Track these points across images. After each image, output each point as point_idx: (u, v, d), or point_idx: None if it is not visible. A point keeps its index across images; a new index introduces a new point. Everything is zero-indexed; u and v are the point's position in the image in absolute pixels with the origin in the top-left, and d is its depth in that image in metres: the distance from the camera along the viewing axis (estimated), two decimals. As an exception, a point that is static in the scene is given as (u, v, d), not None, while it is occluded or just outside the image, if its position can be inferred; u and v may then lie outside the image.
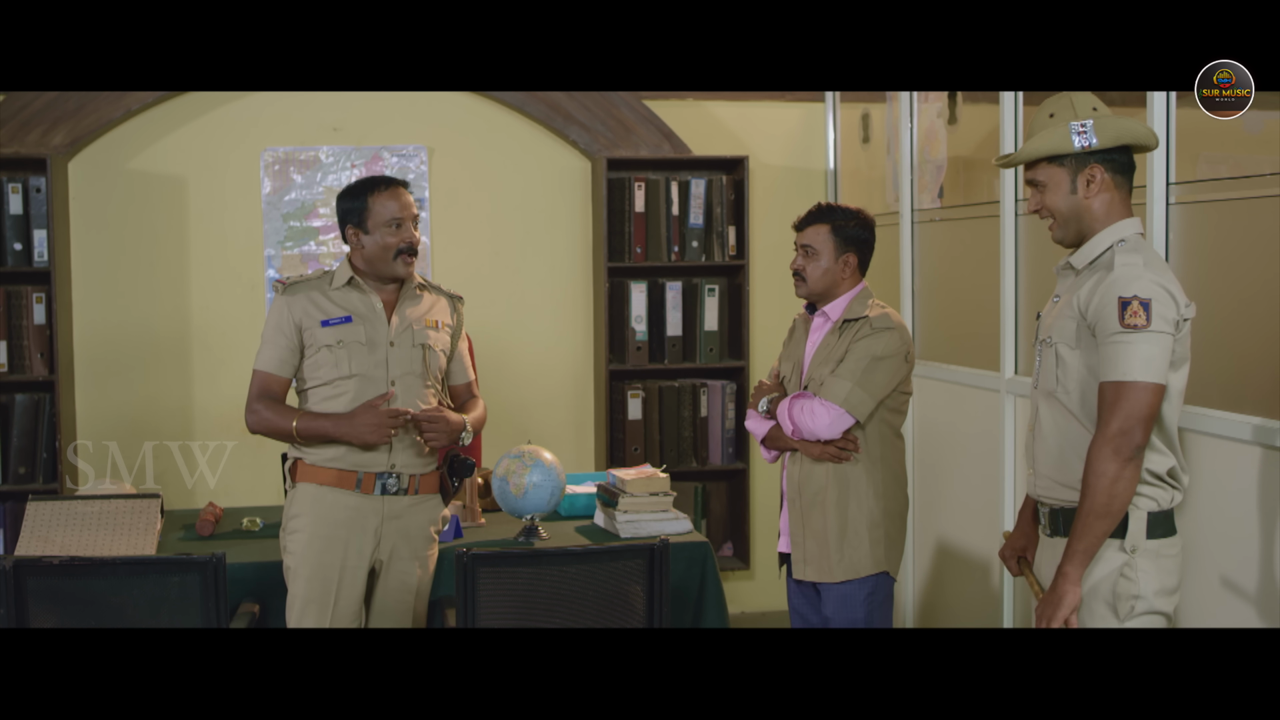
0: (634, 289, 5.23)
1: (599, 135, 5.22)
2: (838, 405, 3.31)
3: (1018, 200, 4.03)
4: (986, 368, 4.22)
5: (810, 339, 3.52)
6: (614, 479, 3.88)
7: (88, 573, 3.08)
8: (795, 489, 3.45)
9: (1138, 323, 2.50)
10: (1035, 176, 2.75)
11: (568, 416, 5.42)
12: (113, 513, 3.67)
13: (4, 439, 4.79)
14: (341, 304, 3.34)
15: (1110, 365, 2.53)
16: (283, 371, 3.33)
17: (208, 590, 3.06)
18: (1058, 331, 2.68)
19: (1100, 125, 2.64)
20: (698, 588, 3.60)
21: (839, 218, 3.46)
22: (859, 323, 3.40)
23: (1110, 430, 2.50)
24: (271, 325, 3.34)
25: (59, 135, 4.87)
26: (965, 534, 4.40)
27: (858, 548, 3.37)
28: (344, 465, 3.28)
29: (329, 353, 3.29)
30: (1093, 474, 2.52)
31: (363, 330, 3.32)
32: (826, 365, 3.40)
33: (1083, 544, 2.55)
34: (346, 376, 3.29)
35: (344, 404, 3.28)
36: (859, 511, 3.38)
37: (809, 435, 3.35)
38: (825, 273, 3.45)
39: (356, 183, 3.39)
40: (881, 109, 5.09)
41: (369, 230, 3.31)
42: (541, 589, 3.17)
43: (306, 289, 3.36)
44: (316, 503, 3.28)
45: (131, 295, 5.09)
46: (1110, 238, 2.66)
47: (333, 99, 5.14)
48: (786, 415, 3.39)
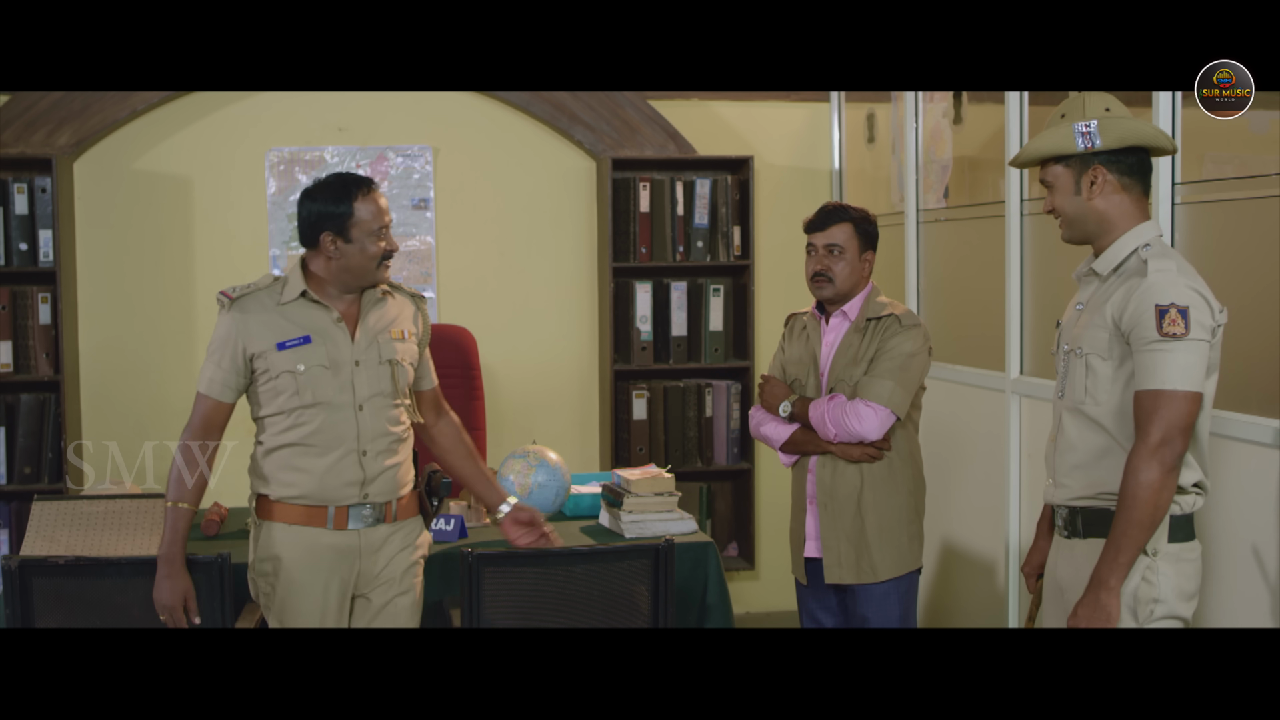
0: (639, 289, 5.23)
1: (604, 135, 5.22)
2: (883, 405, 3.30)
3: (1023, 200, 4.02)
4: (992, 368, 4.22)
5: (826, 340, 3.48)
6: (619, 479, 3.88)
7: (93, 573, 3.08)
8: (826, 492, 3.42)
9: (1176, 331, 2.46)
10: (1045, 176, 2.73)
11: (573, 417, 5.42)
12: (118, 513, 3.67)
13: (9, 439, 4.80)
14: (297, 321, 3.02)
15: (1149, 374, 2.49)
16: (225, 397, 3.03)
17: (213, 590, 3.07)
18: (1088, 342, 2.63)
19: (1105, 126, 2.60)
20: (702, 588, 3.60)
21: (857, 216, 3.45)
22: (884, 321, 3.39)
23: (1152, 440, 2.46)
24: (218, 340, 3.02)
25: (64, 135, 4.88)
26: (971, 534, 4.40)
27: (896, 546, 3.39)
28: (311, 501, 3.01)
29: (289, 379, 2.99)
30: (1137, 484, 2.47)
31: (324, 351, 3.01)
32: (856, 366, 3.37)
33: (1125, 555, 2.50)
34: (309, 405, 2.99)
35: (306, 434, 2.99)
36: (893, 510, 3.39)
37: (854, 438, 3.33)
38: (852, 271, 3.42)
39: (330, 184, 3.03)
40: (886, 109, 5.08)
41: (351, 239, 2.99)
42: (546, 589, 3.17)
43: (257, 307, 3.02)
44: (288, 544, 3.01)
45: (137, 295, 5.09)
46: (1132, 242, 2.62)
47: (338, 99, 5.14)
48: (826, 420, 3.35)
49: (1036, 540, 2.95)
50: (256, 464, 3.08)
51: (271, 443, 3.04)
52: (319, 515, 3.01)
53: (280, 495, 3.03)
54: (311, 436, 3.00)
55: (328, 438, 3.01)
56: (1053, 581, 2.77)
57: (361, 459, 3.02)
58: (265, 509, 3.05)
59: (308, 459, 3.01)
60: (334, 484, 3.01)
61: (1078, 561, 2.64)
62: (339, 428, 3.01)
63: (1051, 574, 2.78)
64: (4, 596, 3.06)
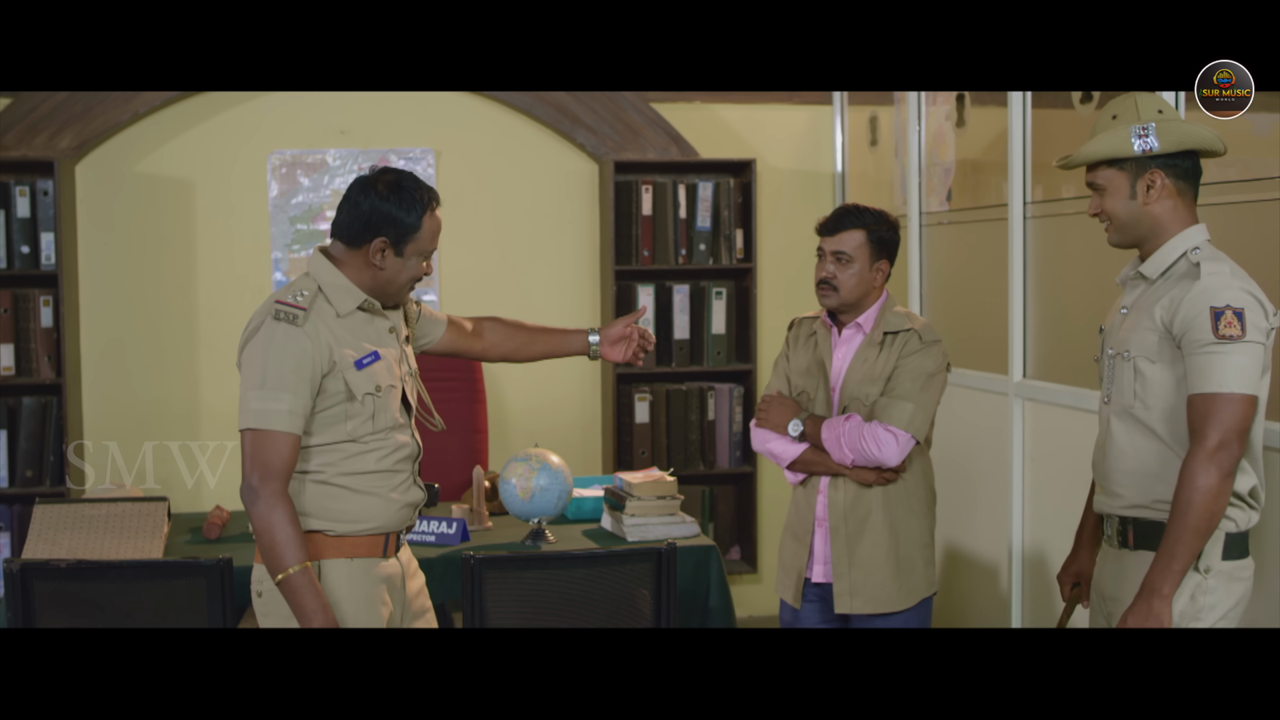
0: (641, 292, 5.23)
1: (606, 138, 5.22)
2: (904, 430, 3.08)
3: (1026, 204, 4.02)
4: (995, 371, 4.21)
5: (838, 352, 3.25)
6: (621, 482, 3.87)
7: (95, 576, 3.08)
8: (840, 516, 3.19)
9: (1233, 333, 2.42)
10: (1095, 179, 2.65)
11: (575, 420, 5.42)
12: (120, 516, 3.67)
13: (11, 442, 4.80)
14: (360, 335, 2.66)
15: (1203, 377, 2.44)
16: (300, 431, 2.58)
17: (214, 594, 3.06)
18: (1136, 345, 2.57)
19: (1163, 129, 2.55)
20: (705, 591, 3.59)
21: (872, 221, 3.18)
22: (904, 335, 3.17)
23: (1209, 444, 2.41)
24: (289, 363, 2.54)
25: (66, 138, 4.88)
26: (974, 537, 4.39)
27: (912, 572, 3.20)
28: (375, 530, 2.67)
29: (370, 401, 2.62)
30: (1193, 490, 2.41)
31: (389, 368, 2.68)
32: (873, 384, 3.16)
33: (1179, 563, 2.43)
34: (386, 428, 2.66)
35: (380, 459, 2.66)
36: (909, 535, 3.19)
37: (872, 464, 3.11)
38: (860, 281, 3.17)
39: (403, 187, 2.66)
40: (889, 112, 5.08)
41: (403, 254, 2.66)
42: (548, 593, 3.16)
43: (323, 320, 2.61)
44: (351, 582, 2.65)
45: (139, 298, 5.09)
46: (1181, 245, 2.57)
47: (340, 102, 5.14)
48: (843, 444, 3.11)
49: (1076, 549, 2.90)
50: (305, 499, 2.63)
51: (333, 472, 2.63)
52: (377, 545, 2.68)
53: (346, 530, 2.64)
54: (383, 461, 2.67)
55: (396, 460, 2.71)
56: (1098, 592, 2.73)
57: (415, 479, 2.78)
58: (322, 547, 2.63)
59: (380, 485, 2.68)
60: (400, 508, 2.72)
61: (1127, 573, 2.59)
62: (407, 449, 2.74)
63: (1098, 584, 2.73)
64: (6, 600, 3.06)
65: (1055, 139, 3.93)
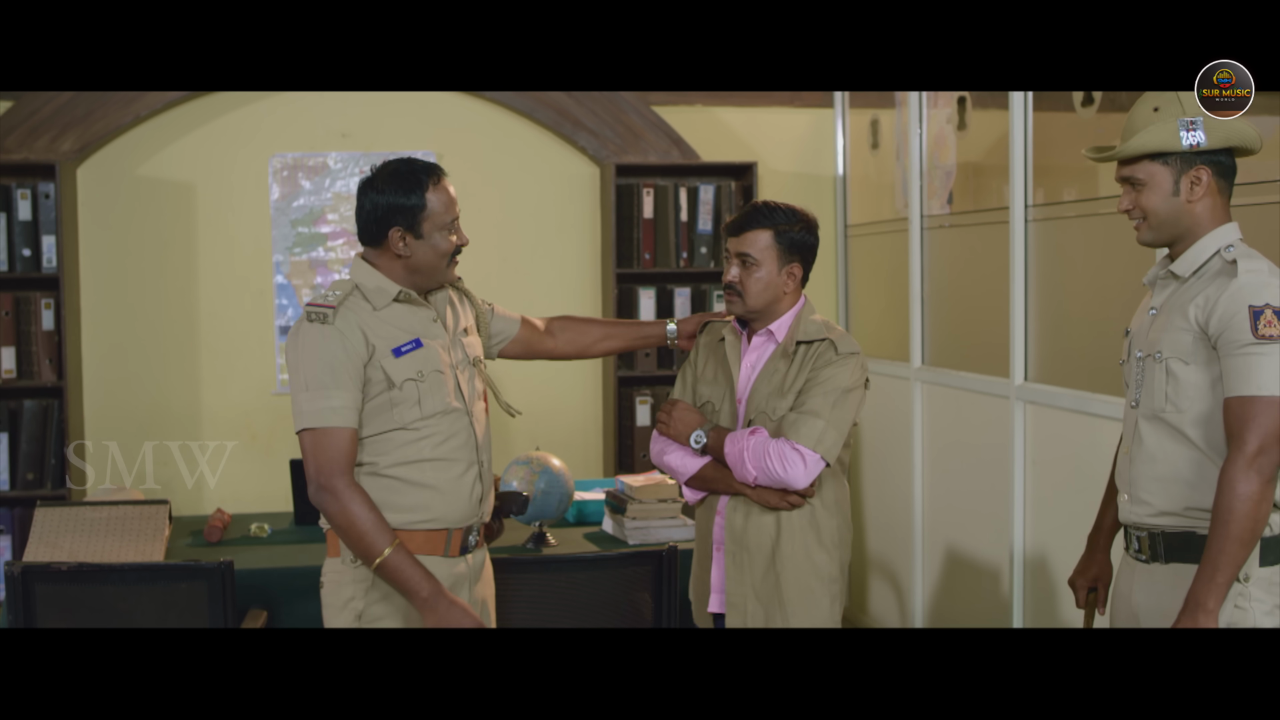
0: (642, 295, 5.23)
1: (608, 141, 5.22)
2: (812, 450, 2.76)
3: (1027, 206, 4.02)
4: (996, 374, 4.21)
5: (747, 360, 2.94)
6: (622, 485, 3.87)
7: (96, 579, 3.08)
8: (735, 540, 2.86)
9: (1273, 333, 2.33)
10: (1134, 174, 2.53)
11: (576, 423, 5.42)
12: (121, 519, 3.67)
13: (12, 444, 4.80)
14: (400, 325, 2.68)
15: (1242, 379, 2.34)
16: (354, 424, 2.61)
17: (215, 597, 3.06)
18: (1169, 345, 2.47)
19: (1210, 123, 2.47)
20: (706, 594, 3.58)
21: (781, 221, 2.88)
22: (818, 345, 2.85)
23: (1249, 449, 2.31)
24: (328, 361, 2.57)
25: (68, 141, 4.88)
26: (974, 540, 4.39)
27: (813, 607, 2.85)
28: (435, 525, 2.65)
29: (413, 387, 2.63)
30: (1234, 497, 2.31)
31: (435, 354, 2.69)
32: (782, 397, 2.84)
33: (1223, 575, 2.33)
34: (435, 414, 2.65)
35: (433, 447, 2.65)
36: (813, 566, 2.85)
37: (777, 484, 2.79)
38: (767, 286, 2.87)
39: (397, 172, 2.74)
40: (890, 115, 5.08)
41: (423, 234, 2.70)
42: (550, 595, 3.16)
43: (357, 314, 2.64)
44: None
45: (140, 301, 5.09)
46: (1214, 243, 2.49)
47: (341, 105, 5.15)
48: (746, 459, 2.79)
49: (1091, 552, 2.84)
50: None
51: (386, 462, 2.64)
52: (438, 541, 2.66)
53: (402, 523, 2.61)
54: (439, 449, 2.65)
55: (453, 447, 2.68)
56: (1126, 607, 2.61)
57: (480, 471, 2.74)
58: None
59: (436, 474, 2.66)
60: (461, 502, 2.69)
61: (1159, 588, 2.50)
62: (462, 436, 2.70)
63: (1125, 599, 2.62)
64: (7, 602, 3.06)
65: (1056, 142, 3.93)
